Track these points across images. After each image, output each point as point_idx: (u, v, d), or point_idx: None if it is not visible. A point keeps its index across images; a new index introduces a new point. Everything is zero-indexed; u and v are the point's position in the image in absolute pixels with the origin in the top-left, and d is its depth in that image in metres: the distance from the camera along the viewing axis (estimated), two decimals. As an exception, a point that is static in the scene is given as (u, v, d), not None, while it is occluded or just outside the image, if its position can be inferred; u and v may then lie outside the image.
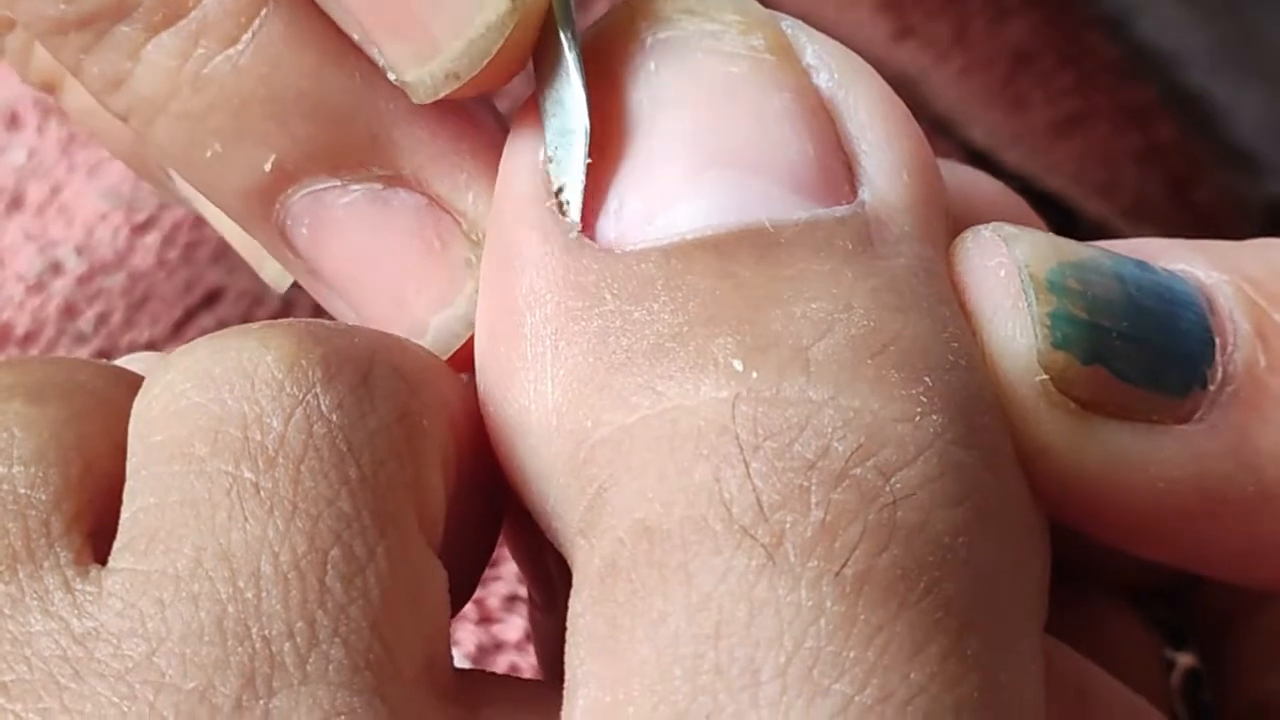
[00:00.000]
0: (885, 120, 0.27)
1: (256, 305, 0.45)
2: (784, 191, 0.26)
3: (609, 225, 0.27)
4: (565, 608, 0.26)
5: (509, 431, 0.27)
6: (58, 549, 0.25)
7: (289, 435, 0.25)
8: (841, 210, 0.26)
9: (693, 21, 0.28)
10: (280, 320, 0.27)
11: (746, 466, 0.24)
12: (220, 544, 0.24)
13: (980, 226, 0.27)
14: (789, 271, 0.26)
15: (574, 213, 0.27)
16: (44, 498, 0.25)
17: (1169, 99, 0.52)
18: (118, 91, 0.30)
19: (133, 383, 0.27)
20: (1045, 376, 0.26)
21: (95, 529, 0.26)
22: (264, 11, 0.29)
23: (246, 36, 0.29)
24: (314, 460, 0.25)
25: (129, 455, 0.26)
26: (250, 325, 0.27)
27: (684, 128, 0.27)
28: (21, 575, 0.25)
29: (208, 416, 0.25)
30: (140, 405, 0.26)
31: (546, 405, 0.26)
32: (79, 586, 0.25)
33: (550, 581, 0.30)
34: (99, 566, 0.25)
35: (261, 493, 0.25)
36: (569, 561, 0.26)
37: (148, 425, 0.26)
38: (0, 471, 0.25)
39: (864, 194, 0.27)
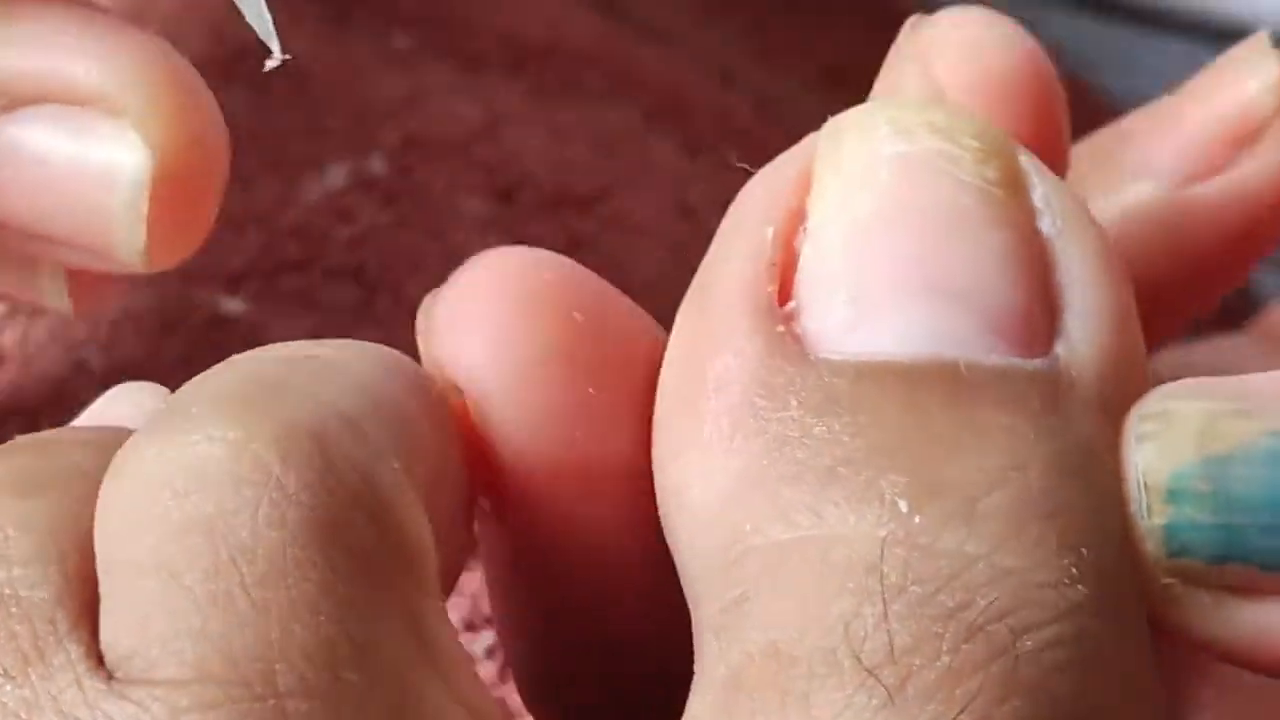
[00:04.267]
0: (1098, 279, 0.27)
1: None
2: (984, 333, 0.26)
3: (811, 324, 0.26)
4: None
5: (666, 494, 0.27)
6: (66, 645, 0.24)
7: (261, 530, 0.24)
8: (1035, 364, 0.26)
9: (934, 140, 0.27)
10: (219, 381, 0.26)
11: (886, 608, 0.24)
12: (223, 653, 0.24)
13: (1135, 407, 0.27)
14: (973, 418, 0.26)
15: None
16: (46, 596, 0.25)
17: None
18: None
19: None
20: (1171, 580, 0.26)
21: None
22: None
23: None
24: (296, 550, 0.24)
25: (99, 568, 0.25)
26: (189, 404, 0.26)
27: (903, 249, 0.26)
28: (34, 677, 0.24)
29: (169, 525, 0.24)
30: (99, 519, 0.25)
31: (710, 492, 0.26)
32: (89, 684, 0.24)
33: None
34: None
35: (252, 594, 0.24)
36: (695, 645, 0.26)
37: (110, 542, 0.25)
38: (1, 576, 0.25)
39: (1059, 348, 0.26)
